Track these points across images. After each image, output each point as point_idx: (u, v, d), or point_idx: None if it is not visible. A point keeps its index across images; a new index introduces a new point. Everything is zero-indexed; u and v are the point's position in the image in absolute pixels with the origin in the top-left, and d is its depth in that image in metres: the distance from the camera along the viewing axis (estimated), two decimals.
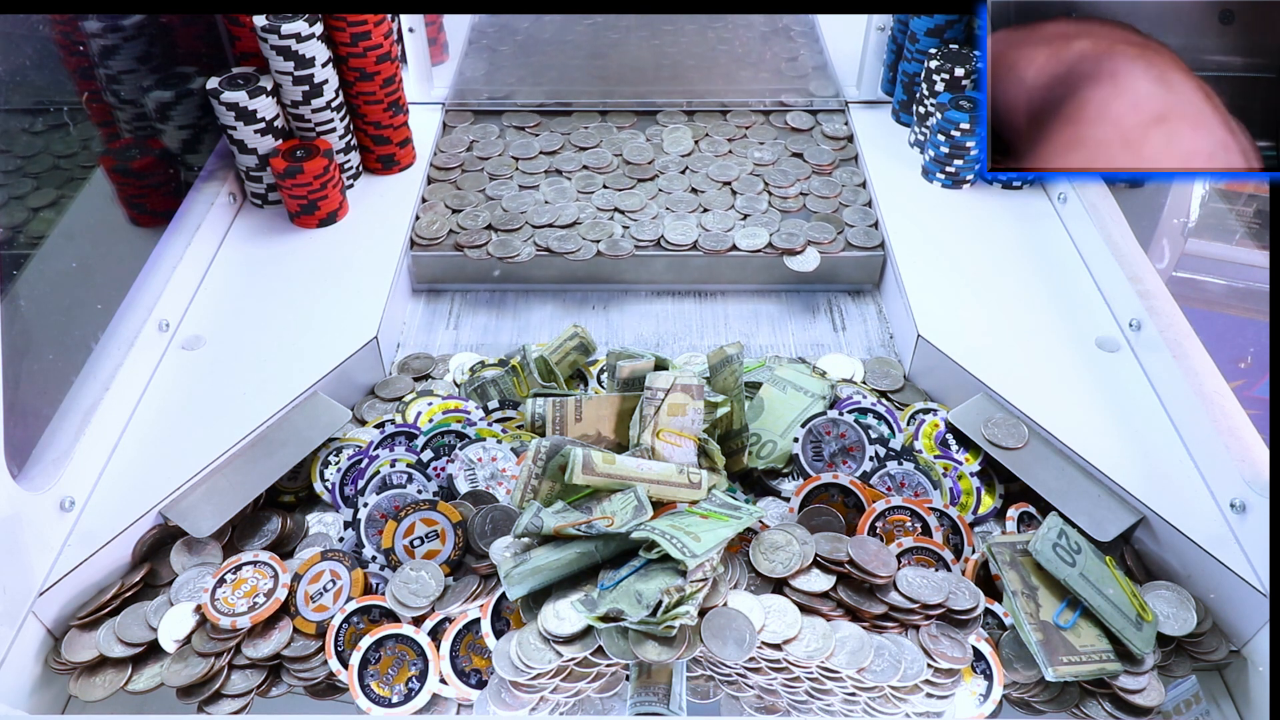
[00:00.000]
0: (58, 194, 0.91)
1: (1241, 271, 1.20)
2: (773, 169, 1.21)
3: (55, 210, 0.90)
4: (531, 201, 1.15)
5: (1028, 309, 0.99)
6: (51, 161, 0.91)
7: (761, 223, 1.12)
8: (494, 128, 1.28)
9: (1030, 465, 0.85)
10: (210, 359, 0.94)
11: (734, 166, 1.21)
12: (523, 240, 1.10)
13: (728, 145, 1.25)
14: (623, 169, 1.21)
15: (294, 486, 0.88)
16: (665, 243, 1.10)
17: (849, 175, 1.20)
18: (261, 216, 1.12)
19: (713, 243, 1.09)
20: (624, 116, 1.30)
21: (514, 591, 0.71)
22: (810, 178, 1.19)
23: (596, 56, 1.43)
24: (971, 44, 1.18)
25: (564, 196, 1.16)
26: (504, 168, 1.21)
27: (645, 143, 1.26)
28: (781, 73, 1.38)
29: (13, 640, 0.71)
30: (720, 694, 0.75)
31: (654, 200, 1.16)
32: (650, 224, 1.12)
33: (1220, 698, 0.76)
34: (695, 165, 1.21)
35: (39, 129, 0.91)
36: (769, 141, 1.26)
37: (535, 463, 0.79)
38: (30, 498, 0.73)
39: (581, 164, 1.21)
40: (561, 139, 1.26)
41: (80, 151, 0.95)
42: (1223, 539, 0.76)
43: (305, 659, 0.73)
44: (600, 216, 1.13)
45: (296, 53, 1.02)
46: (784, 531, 0.77)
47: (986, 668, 0.72)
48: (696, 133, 1.27)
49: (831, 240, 1.10)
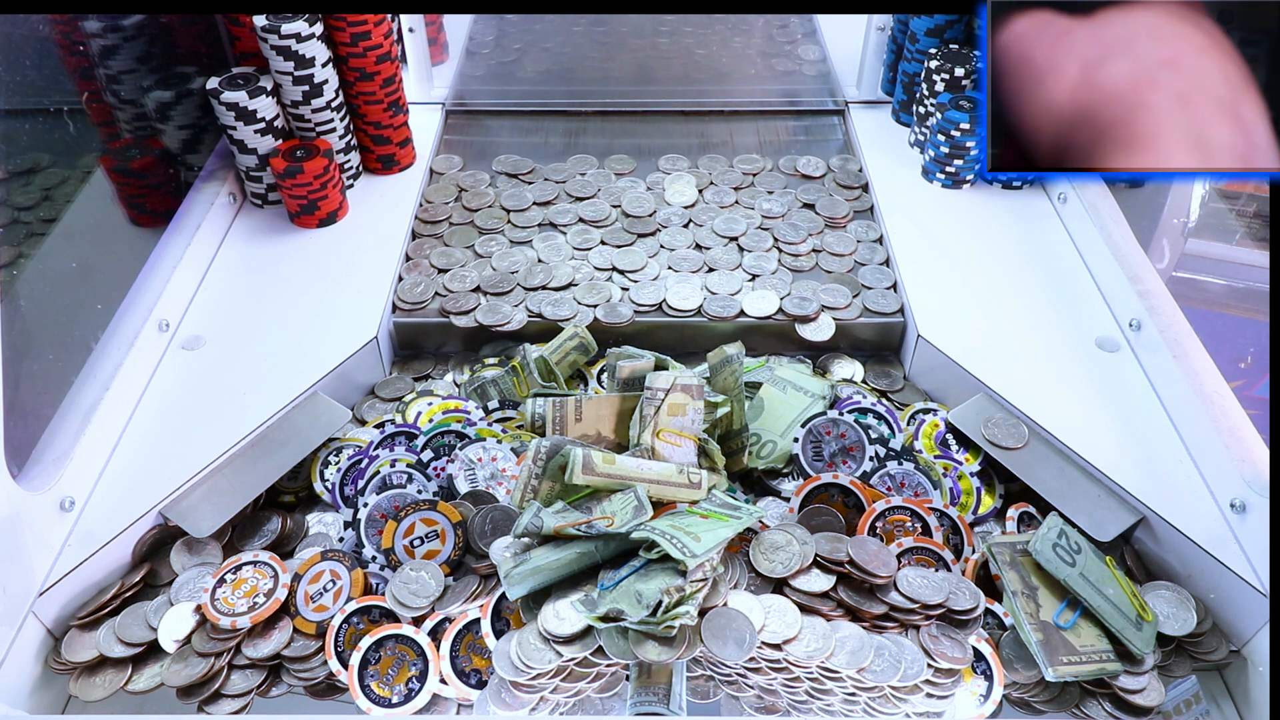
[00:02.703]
0: (43, 194, 0.91)
1: (1241, 271, 1.20)
2: (782, 222, 1.12)
3: (56, 209, 0.90)
4: (523, 259, 1.06)
5: (1028, 309, 0.99)
6: (48, 159, 0.91)
7: (771, 284, 1.03)
8: (484, 175, 1.19)
9: (1030, 465, 0.85)
10: (210, 359, 0.94)
11: (741, 220, 1.12)
12: (513, 305, 1.01)
13: (734, 195, 1.16)
14: (621, 222, 1.12)
15: (294, 486, 0.88)
16: (667, 308, 1.01)
17: (864, 229, 1.11)
18: (261, 216, 1.12)
19: (719, 307, 1.00)
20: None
21: (514, 591, 0.71)
22: (823, 232, 1.11)
23: (596, 56, 1.43)
24: (971, 44, 1.18)
25: (558, 254, 1.07)
26: (494, 220, 1.12)
27: (646, 192, 1.17)
28: (782, 73, 1.38)
29: (13, 640, 0.71)
30: (720, 694, 0.75)
31: (655, 258, 1.07)
32: (651, 285, 1.03)
33: (1220, 698, 0.76)
34: (699, 218, 1.13)
35: (38, 129, 0.91)
36: (778, 191, 1.17)
37: (535, 463, 0.79)
38: (30, 498, 0.73)
39: (578, 216, 1.13)
40: (556, 188, 1.17)
41: (81, 152, 0.95)
42: (1223, 539, 0.76)
43: (305, 659, 0.73)
44: (598, 276, 1.05)
45: (296, 53, 1.02)
46: (784, 531, 0.77)
47: (986, 668, 0.72)
48: (700, 180, 1.19)
49: (847, 305, 1.01)
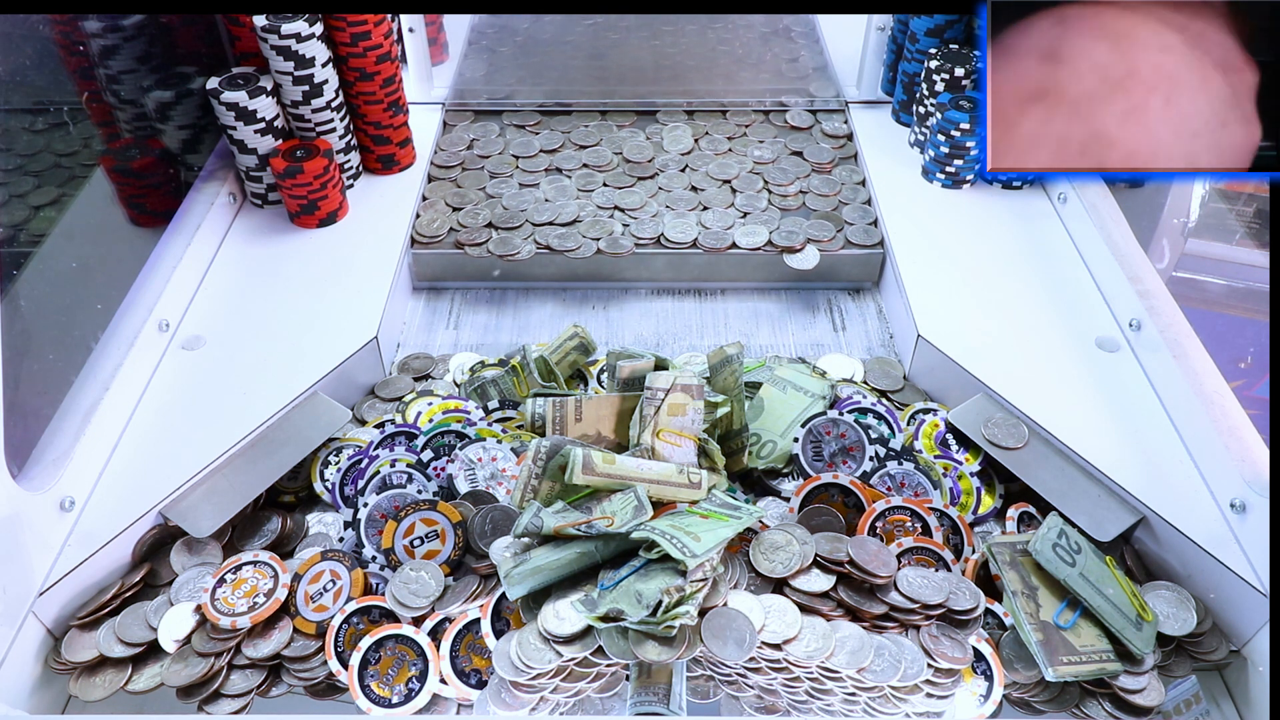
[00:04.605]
0: (59, 192, 0.91)
1: (1241, 271, 1.20)
2: (772, 167, 1.21)
3: (56, 209, 0.90)
4: (531, 199, 1.15)
5: (1028, 309, 0.98)
6: (53, 160, 0.91)
7: (761, 220, 1.12)
8: (494, 126, 1.28)
9: (1030, 465, 0.85)
10: (210, 359, 0.94)
11: (734, 165, 1.21)
12: (523, 238, 1.10)
13: (727, 144, 1.25)
14: (623, 167, 1.21)
15: (294, 486, 0.88)
16: (665, 240, 1.10)
17: (848, 173, 1.20)
18: (261, 216, 1.12)
19: (712, 240, 1.10)
20: (624, 116, 1.31)
21: (514, 591, 0.71)
22: (810, 176, 1.20)
23: (597, 56, 1.43)
24: (971, 44, 1.18)
25: (564, 194, 1.16)
26: (504, 166, 1.21)
27: (645, 141, 1.26)
28: (782, 73, 1.38)
29: (13, 640, 0.71)
30: (720, 694, 0.75)
31: (654, 198, 1.16)
32: (650, 222, 1.12)
33: (1220, 698, 0.76)
34: (695, 164, 1.21)
35: (40, 128, 0.91)
36: (769, 140, 1.26)
37: (535, 463, 0.79)
38: (30, 498, 0.73)
39: (581, 162, 1.22)
40: (562, 137, 1.26)
41: (81, 150, 0.95)
42: (1223, 539, 0.76)
43: (305, 659, 0.73)
44: (600, 214, 1.14)
45: (296, 53, 1.02)
46: (784, 531, 0.77)
47: (987, 668, 0.72)
48: (696, 131, 1.27)
49: (831, 238, 1.10)
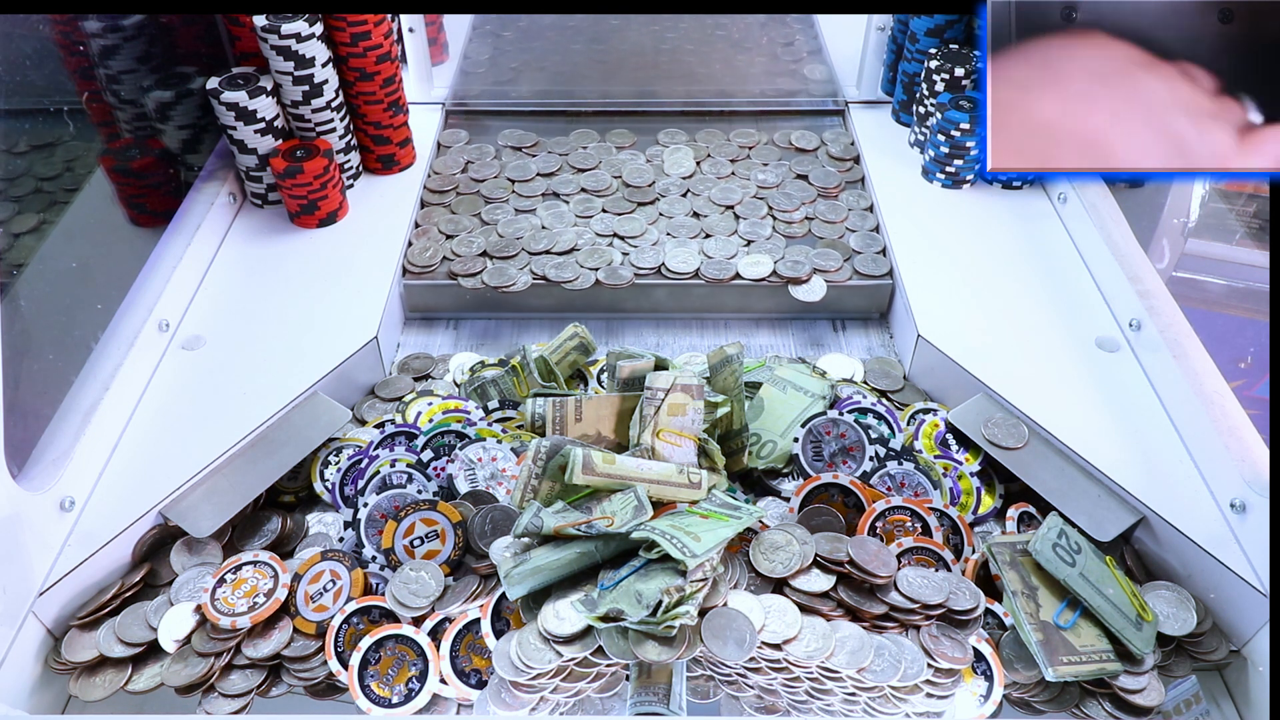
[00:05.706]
0: (51, 200, 0.91)
1: (1241, 271, 1.20)
2: (777, 192, 1.16)
3: (54, 213, 0.90)
4: (528, 226, 1.11)
5: (1028, 309, 0.98)
6: (56, 167, 0.91)
7: (765, 250, 1.08)
8: (489, 148, 1.24)
9: (1030, 465, 0.85)
10: (210, 359, 0.94)
11: (737, 189, 1.16)
12: (518, 268, 1.05)
13: (730, 166, 1.21)
14: (622, 191, 1.17)
15: (294, 486, 0.88)
16: (666, 270, 1.05)
17: (855, 198, 1.16)
18: (261, 216, 1.12)
19: (715, 270, 1.05)
20: (624, 136, 1.26)
21: (514, 591, 0.71)
22: (815, 201, 1.15)
23: (597, 57, 1.43)
24: (971, 44, 1.18)
25: (561, 221, 1.12)
26: (500, 190, 1.17)
27: (645, 164, 1.21)
28: (782, 73, 1.38)
29: (13, 640, 0.71)
30: (720, 694, 0.75)
31: (654, 225, 1.12)
32: (650, 250, 1.07)
33: (1220, 698, 0.76)
34: (697, 188, 1.17)
35: (39, 128, 0.91)
36: (773, 162, 1.22)
37: (535, 463, 0.79)
38: (30, 498, 0.73)
39: (580, 186, 1.17)
40: (559, 160, 1.21)
41: (83, 155, 0.95)
42: (1223, 539, 0.76)
43: (305, 659, 0.73)
44: (599, 242, 1.09)
45: (296, 53, 1.02)
46: (784, 531, 0.77)
47: (987, 668, 0.72)
48: (698, 153, 1.23)
49: (838, 268, 1.05)
